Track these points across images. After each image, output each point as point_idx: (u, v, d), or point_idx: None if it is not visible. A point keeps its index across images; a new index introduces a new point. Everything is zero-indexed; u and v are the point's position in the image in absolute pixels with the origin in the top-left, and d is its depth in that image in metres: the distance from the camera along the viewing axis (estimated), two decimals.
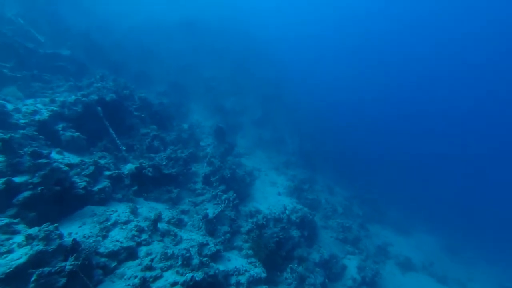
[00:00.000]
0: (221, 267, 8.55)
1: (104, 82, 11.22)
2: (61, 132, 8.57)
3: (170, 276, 6.93)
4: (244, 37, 45.61)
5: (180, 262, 7.41)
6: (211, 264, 8.14)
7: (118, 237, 6.85)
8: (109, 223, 7.05)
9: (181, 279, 6.92)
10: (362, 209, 18.04)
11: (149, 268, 6.81)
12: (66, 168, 6.65)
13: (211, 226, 10.02)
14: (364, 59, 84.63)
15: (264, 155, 22.45)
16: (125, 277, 5.90)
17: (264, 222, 10.93)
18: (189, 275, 7.05)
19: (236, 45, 41.35)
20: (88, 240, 5.81)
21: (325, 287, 9.56)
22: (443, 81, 78.39)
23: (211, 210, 10.98)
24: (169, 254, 7.53)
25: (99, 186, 8.05)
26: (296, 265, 9.99)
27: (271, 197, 15.06)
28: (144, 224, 8.21)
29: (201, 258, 8.00)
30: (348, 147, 32.72)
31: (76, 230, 6.01)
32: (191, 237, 9.27)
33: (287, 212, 12.57)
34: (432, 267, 13.93)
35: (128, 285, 5.64)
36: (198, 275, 7.19)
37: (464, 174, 43.77)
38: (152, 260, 7.12)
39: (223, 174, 13.60)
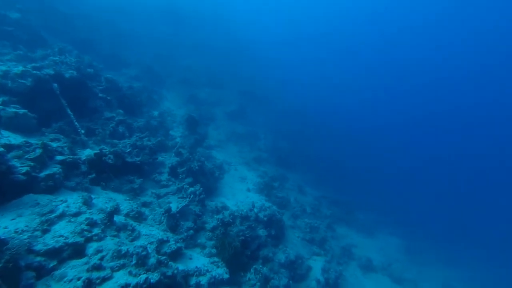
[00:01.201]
0: (181, 267, 7.88)
1: (63, 56, 9.85)
2: (0, 107, 7.33)
3: (121, 277, 6.14)
4: (227, 31, 44.56)
5: (134, 261, 6.64)
6: (170, 263, 7.44)
7: (63, 232, 5.93)
8: (53, 215, 6.10)
9: (133, 280, 6.17)
10: (331, 210, 18.03)
11: (98, 267, 5.98)
12: (2, 149, 5.60)
13: (173, 221, 9.27)
14: (345, 63, 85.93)
15: (235, 149, 21.81)
16: (66, 279, 5.05)
17: (231, 220, 10.36)
18: (143, 276, 6.31)
19: (218, 38, 40.25)
20: (20, 236, 4.87)
21: None
22: (416, 88, 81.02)
23: (175, 204, 10.22)
24: (122, 252, 6.73)
25: (47, 172, 7.01)
26: (260, 266, 9.53)
27: (240, 193, 14.52)
28: (98, 217, 7.32)
29: (159, 256, 7.27)
30: (321, 148, 32.90)
31: (6, 224, 5.03)
32: (151, 232, 8.48)
33: (255, 210, 12.07)
34: (390, 268, 14.19)
35: None
36: (154, 277, 6.47)
37: (429, 177, 45.73)
38: (102, 258, 6.29)
39: (191, 166, 12.83)
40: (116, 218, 8.01)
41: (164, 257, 7.50)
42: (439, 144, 61.84)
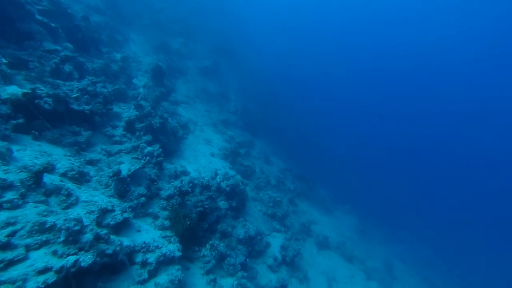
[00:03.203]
0: (126, 241, 6.53)
1: None
2: None
3: (39, 259, 4.66)
4: None
5: (63, 238, 5.15)
6: (111, 238, 6.07)
7: None
8: None
9: (57, 263, 4.73)
10: (295, 184, 17.49)
11: (4, 246, 4.42)
12: None
13: (122, 185, 7.71)
14: (325, 36, 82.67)
15: (204, 108, 19.92)
16: None
17: (189, 189, 9.03)
18: (71, 258, 4.88)
19: None
20: None
21: (245, 267, 8.41)
22: (391, 71, 79.54)
23: (127, 166, 8.58)
24: (47, 225, 5.20)
25: None
26: (217, 242, 8.52)
27: (203, 157, 13.11)
28: (17, 177, 5.55)
29: (99, 230, 5.84)
30: (291, 117, 31.88)
31: None
32: (93, 198, 6.89)
33: (217, 178, 10.86)
34: (344, 247, 14.28)
35: None
36: (86, 259, 5.06)
37: (389, 160, 47.11)
38: (13, 233, 4.71)
39: (151, 122, 11.03)
40: (48, 178, 6.29)
41: (105, 231, 6.09)
42: (399, 131, 63.11)
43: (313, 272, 10.98)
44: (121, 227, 6.87)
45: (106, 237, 5.91)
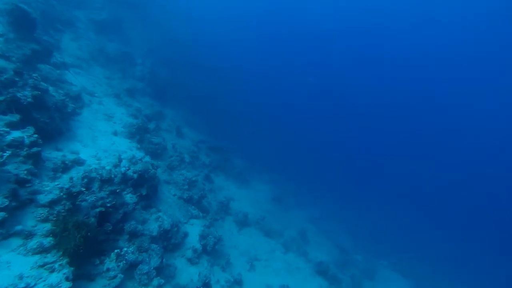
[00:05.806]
0: None
1: None
2: None
3: None
4: None
5: None
6: None
7: None
8: None
9: None
10: (210, 157, 15.95)
11: None
12: None
13: None
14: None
15: (103, 73, 15.67)
16: None
17: (83, 188, 6.63)
18: None
19: None
20: None
21: (161, 270, 6.97)
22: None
23: None
24: None
25: None
26: (126, 247, 6.72)
27: (104, 137, 10.21)
28: None
29: None
30: (204, 83, 28.52)
31: None
32: None
33: (122, 166, 8.50)
34: (263, 221, 14.03)
35: None
36: None
37: (303, 124, 44.17)
38: None
39: (16, 96, 7.57)
40: None
41: None
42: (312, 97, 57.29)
43: (235, 255, 10.43)
44: None
45: None
